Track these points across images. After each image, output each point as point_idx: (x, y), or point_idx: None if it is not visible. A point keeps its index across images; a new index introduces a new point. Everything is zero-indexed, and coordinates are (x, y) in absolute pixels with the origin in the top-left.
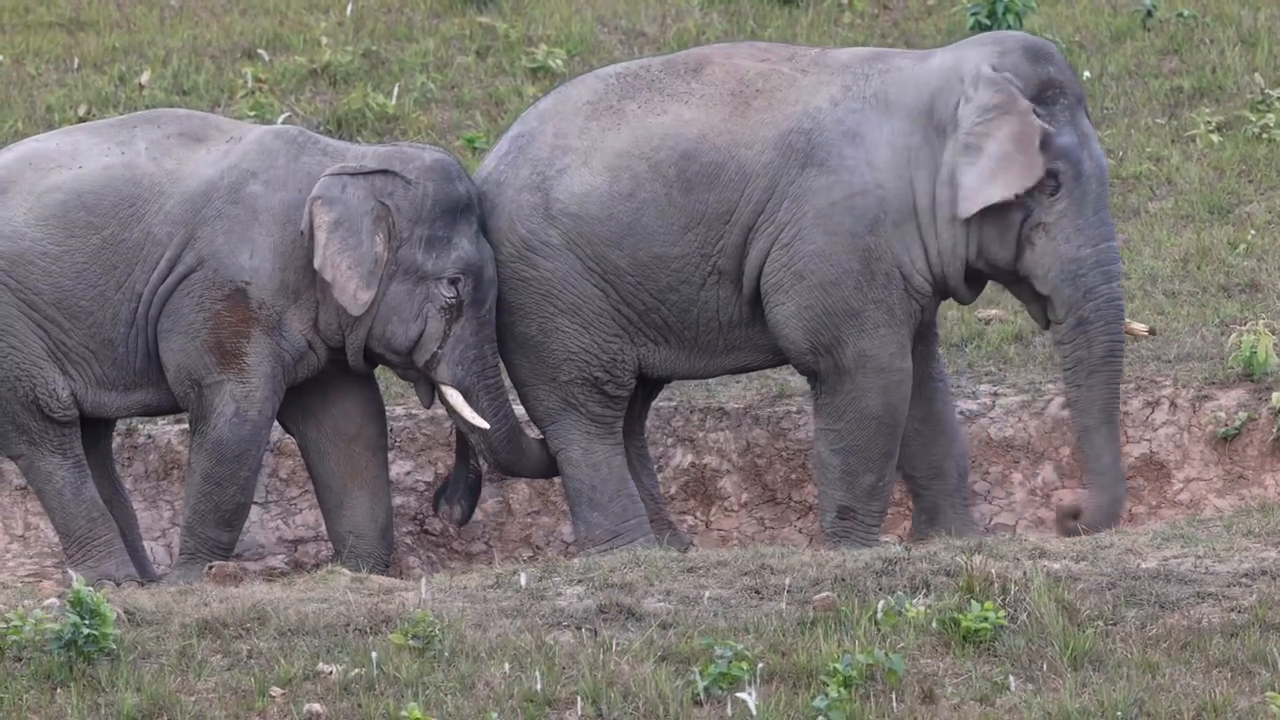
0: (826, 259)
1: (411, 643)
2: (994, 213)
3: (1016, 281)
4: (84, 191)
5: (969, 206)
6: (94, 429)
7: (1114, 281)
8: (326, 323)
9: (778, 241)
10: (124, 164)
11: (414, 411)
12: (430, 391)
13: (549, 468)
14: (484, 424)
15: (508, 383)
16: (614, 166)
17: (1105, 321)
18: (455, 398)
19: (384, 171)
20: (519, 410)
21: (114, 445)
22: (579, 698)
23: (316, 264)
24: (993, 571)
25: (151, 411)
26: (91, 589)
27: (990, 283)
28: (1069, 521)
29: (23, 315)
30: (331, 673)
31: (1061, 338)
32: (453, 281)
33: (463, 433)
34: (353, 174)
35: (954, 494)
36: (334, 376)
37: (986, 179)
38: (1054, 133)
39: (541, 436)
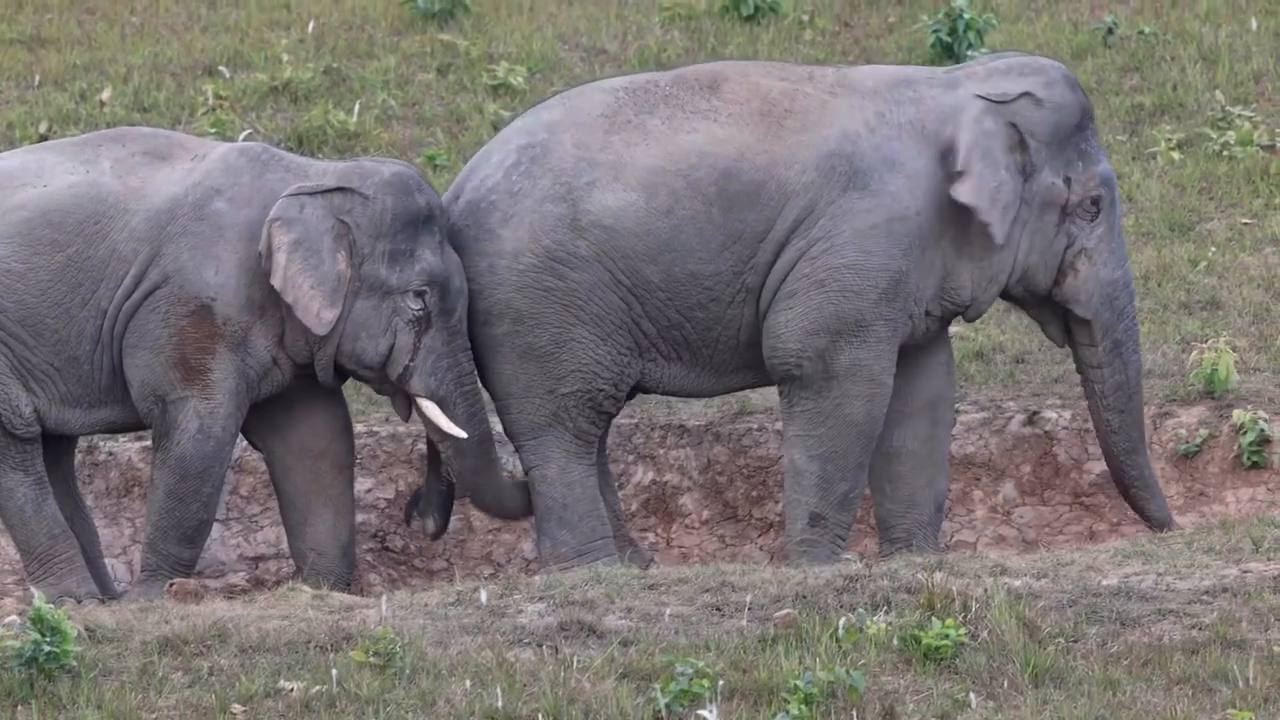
0: (855, 271)
1: (372, 660)
2: (1040, 240)
3: (1044, 305)
4: (49, 209)
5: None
6: (55, 446)
7: (1134, 301)
8: (294, 339)
9: (806, 255)
10: (89, 182)
11: (374, 429)
12: (407, 405)
13: (517, 494)
14: (460, 432)
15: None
16: (649, 183)
17: (1134, 343)
18: (431, 409)
19: (341, 189)
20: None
21: (75, 462)
22: (540, 715)
23: (277, 285)
24: (954, 589)
25: (115, 429)
26: (52, 606)
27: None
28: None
29: None
30: (293, 690)
31: (1098, 361)
32: (419, 294)
33: (434, 444)
34: (310, 193)
35: (928, 525)
36: (302, 392)
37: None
38: (1094, 158)
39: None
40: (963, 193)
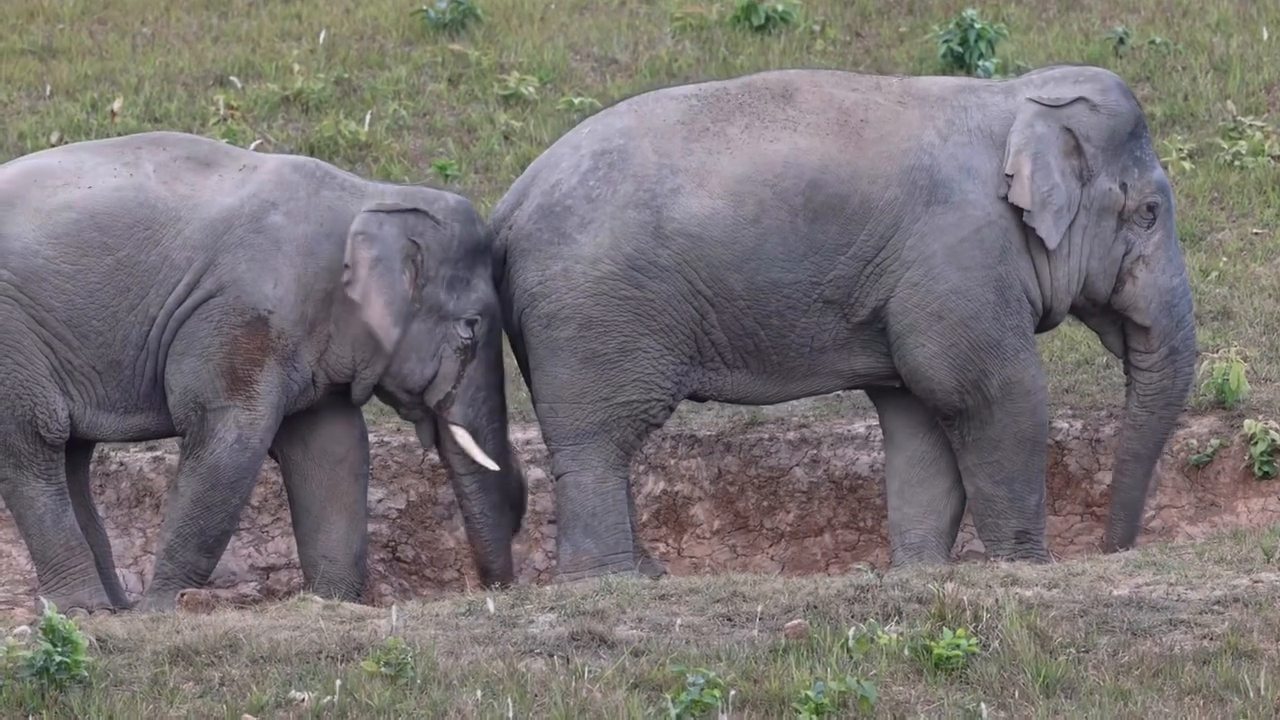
0: (964, 295)
1: (383, 670)
2: (1099, 246)
3: (1103, 314)
4: (97, 211)
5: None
6: (74, 455)
7: (1192, 310)
8: (338, 357)
9: (904, 280)
10: (135, 185)
11: (386, 439)
12: (432, 432)
13: (506, 555)
14: (494, 465)
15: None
16: (735, 191)
17: (1190, 352)
18: (465, 438)
19: (416, 211)
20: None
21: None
22: None
23: (356, 297)
24: (965, 599)
25: (146, 436)
26: (64, 616)
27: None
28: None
29: (31, 332)
30: (303, 700)
31: (1151, 365)
32: (470, 323)
33: (455, 474)
34: (389, 211)
35: (944, 534)
36: (323, 400)
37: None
38: (1149, 165)
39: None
40: (1014, 195)
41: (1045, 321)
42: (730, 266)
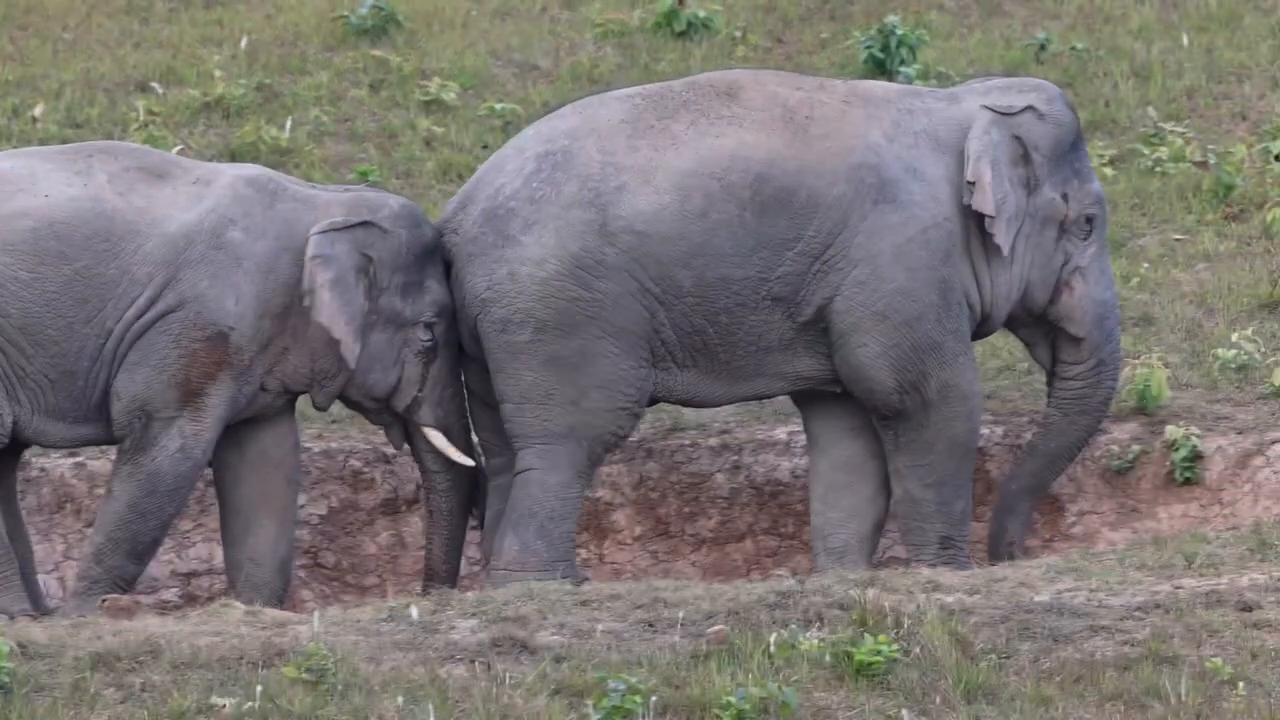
0: (908, 295)
1: (305, 676)
2: (1040, 256)
3: (1035, 324)
4: (55, 221)
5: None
6: (4, 461)
7: (1119, 324)
8: (295, 368)
9: (851, 278)
10: (90, 196)
11: (307, 445)
12: (402, 434)
13: (455, 561)
14: (469, 460)
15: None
16: (682, 186)
17: (1115, 366)
18: (439, 439)
19: (364, 224)
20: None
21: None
22: None
23: (323, 321)
24: (886, 605)
25: (94, 444)
26: None
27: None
28: (1009, 548)
29: None
30: (225, 706)
31: (1076, 375)
32: (429, 325)
33: (428, 474)
34: (339, 229)
35: (867, 540)
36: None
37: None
38: (1087, 176)
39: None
40: (977, 201)
41: (981, 329)
42: (678, 263)
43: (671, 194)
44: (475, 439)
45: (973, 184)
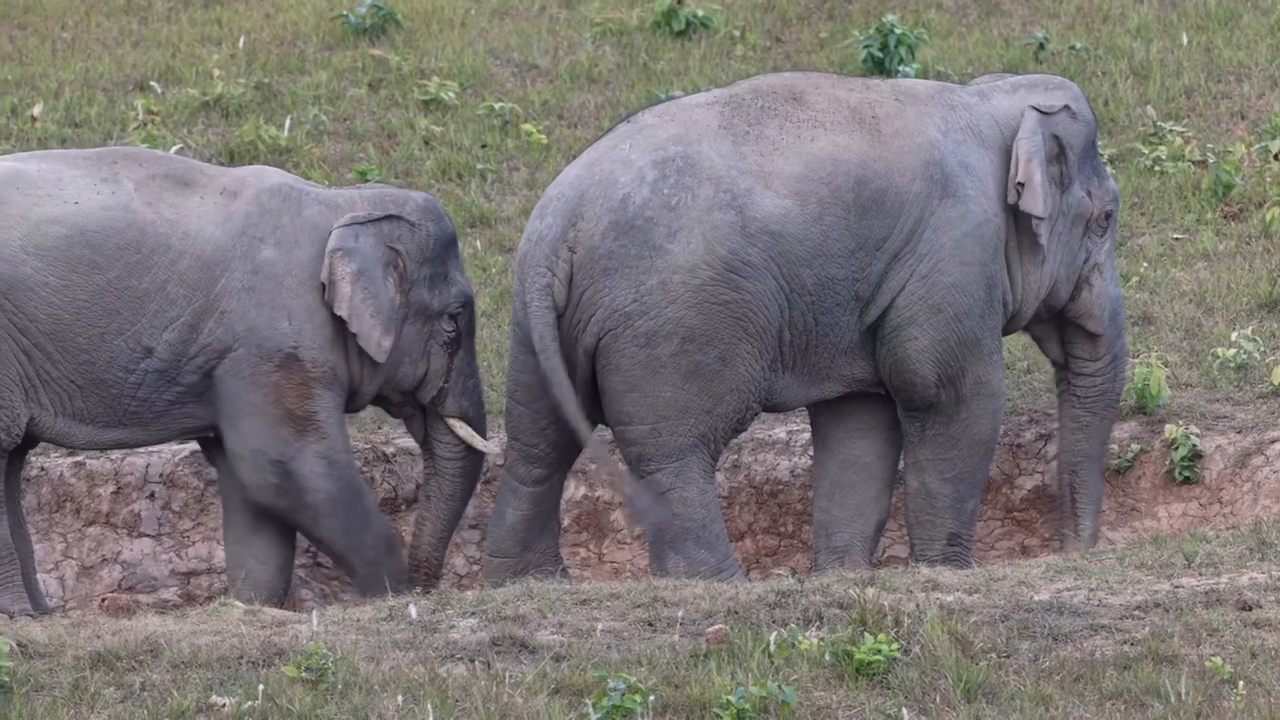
0: (961, 290)
1: (304, 675)
2: (1068, 255)
3: (1052, 321)
4: (87, 229)
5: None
6: (12, 461)
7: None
8: (352, 370)
9: (916, 273)
10: (120, 205)
11: None
12: (424, 426)
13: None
14: (494, 449)
15: None
16: (798, 190)
17: (1126, 358)
18: (463, 429)
19: (390, 217)
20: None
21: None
22: None
23: (343, 314)
24: (886, 604)
25: (119, 447)
26: None
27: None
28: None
29: (9, 338)
30: (224, 705)
31: (1095, 372)
32: (453, 316)
33: (440, 462)
34: (363, 222)
35: (869, 539)
36: None
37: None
38: (1104, 174)
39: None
40: (1026, 203)
41: (1008, 326)
42: (803, 262)
43: (791, 198)
44: (508, 442)
45: (1022, 185)
